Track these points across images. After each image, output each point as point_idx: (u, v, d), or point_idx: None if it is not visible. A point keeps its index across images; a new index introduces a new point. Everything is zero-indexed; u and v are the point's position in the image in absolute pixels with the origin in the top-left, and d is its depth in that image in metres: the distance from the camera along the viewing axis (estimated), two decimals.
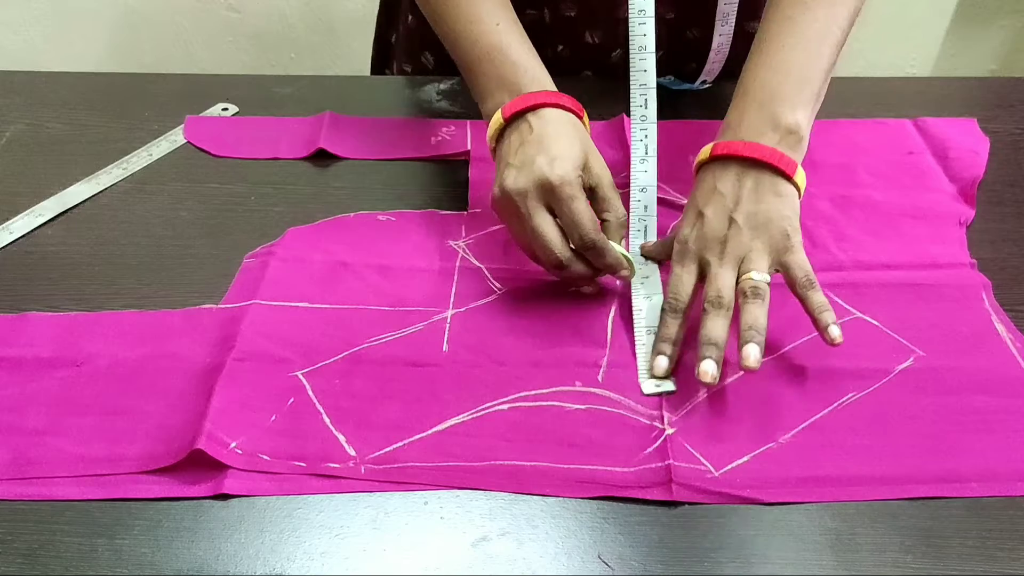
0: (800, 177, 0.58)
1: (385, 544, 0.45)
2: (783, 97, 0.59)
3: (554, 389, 0.53)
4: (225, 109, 0.80)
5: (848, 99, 0.83)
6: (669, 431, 0.50)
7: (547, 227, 0.56)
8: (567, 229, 0.56)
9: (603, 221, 0.59)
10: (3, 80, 0.84)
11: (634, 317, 0.57)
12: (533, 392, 0.53)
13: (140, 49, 1.67)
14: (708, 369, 0.51)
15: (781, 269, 0.56)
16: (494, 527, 0.46)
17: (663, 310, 0.57)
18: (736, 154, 0.57)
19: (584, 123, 0.62)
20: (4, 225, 0.66)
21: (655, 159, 0.64)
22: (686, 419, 0.51)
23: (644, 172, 0.64)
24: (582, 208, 0.56)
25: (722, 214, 0.57)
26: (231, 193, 0.70)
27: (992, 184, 0.71)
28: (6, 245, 0.64)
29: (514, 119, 0.60)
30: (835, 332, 0.53)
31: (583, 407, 0.52)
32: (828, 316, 0.54)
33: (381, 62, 0.97)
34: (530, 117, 0.59)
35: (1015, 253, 0.64)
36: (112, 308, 0.58)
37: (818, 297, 0.54)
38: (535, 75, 0.62)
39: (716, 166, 0.59)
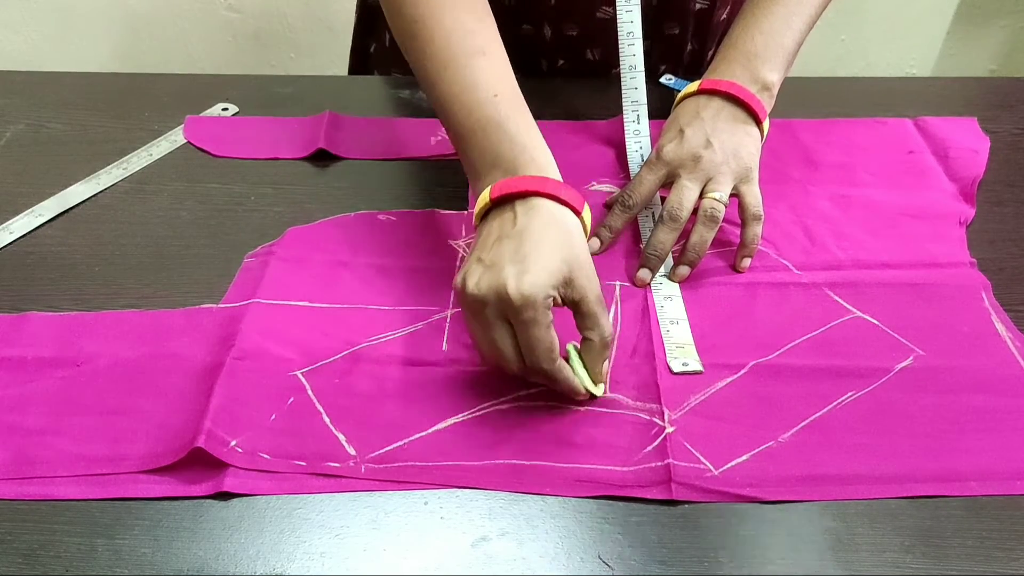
0: (766, 126, 0.66)
1: (385, 544, 0.45)
2: (765, 58, 0.66)
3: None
4: (225, 109, 0.80)
5: (848, 99, 0.83)
6: (669, 430, 0.50)
7: (503, 342, 0.50)
8: (522, 350, 0.50)
9: (585, 339, 0.51)
10: (3, 80, 0.85)
11: (658, 313, 0.58)
12: (533, 391, 0.52)
13: (140, 49, 1.67)
14: (644, 277, 0.61)
15: (737, 195, 0.63)
16: (494, 527, 0.46)
17: (616, 203, 0.64)
18: (722, 90, 0.65)
19: (583, 220, 0.54)
20: (4, 225, 0.66)
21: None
22: (685, 418, 0.51)
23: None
24: (540, 335, 0.49)
25: (701, 135, 0.64)
26: (231, 193, 0.70)
27: (992, 184, 0.71)
28: (6, 245, 0.64)
29: (501, 202, 0.53)
30: (744, 264, 0.62)
31: (582, 406, 0.52)
32: (749, 251, 0.62)
33: (358, 71, 0.96)
34: (518, 206, 0.52)
35: (1015, 253, 0.64)
36: (112, 308, 0.58)
37: (755, 231, 0.62)
38: (534, 155, 0.54)
39: (701, 97, 0.66)
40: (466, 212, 0.68)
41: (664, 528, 0.46)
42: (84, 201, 0.69)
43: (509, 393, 0.52)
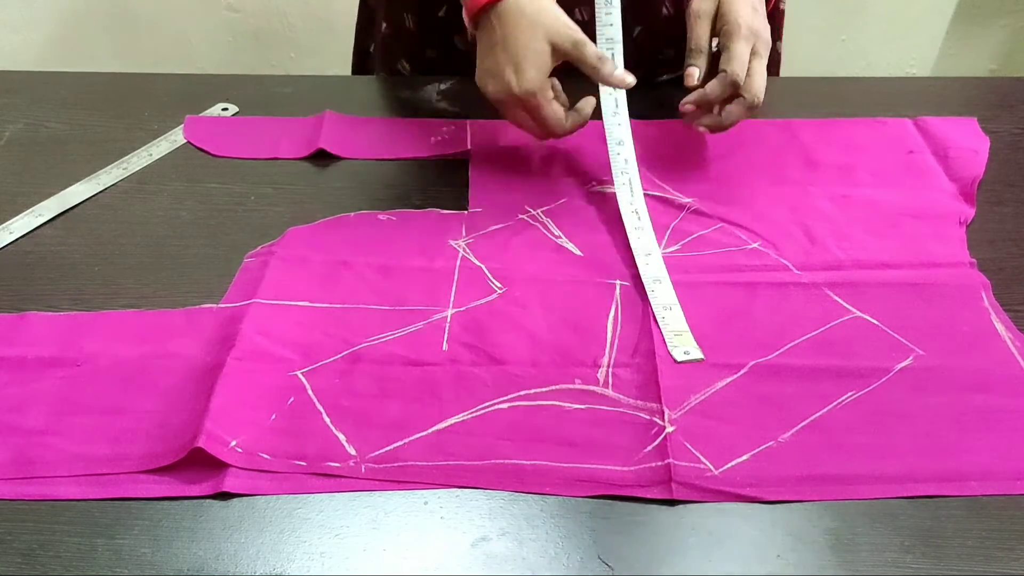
0: None
1: (385, 544, 0.45)
2: None
3: (553, 388, 0.53)
4: (225, 109, 0.80)
5: (848, 99, 0.83)
6: (669, 429, 0.50)
7: (524, 122, 0.66)
8: (537, 124, 0.65)
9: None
10: (3, 80, 0.85)
11: (650, 298, 0.58)
12: (533, 391, 0.53)
13: (140, 49, 1.67)
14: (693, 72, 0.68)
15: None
16: (494, 527, 0.46)
17: (721, 79, 0.66)
18: None
19: None
20: (4, 225, 0.66)
21: (626, 112, 0.68)
22: (686, 417, 0.51)
23: (618, 126, 0.68)
24: (548, 113, 0.64)
25: (762, 11, 0.68)
26: (231, 193, 0.70)
27: (992, 184, 0.71)
28: (6, 245, 0.64)
29: (481, 17, 0.64)
30: (685, 116, 0.68)
31: (583, 406, 0.52)
32: (721, 125, 0.68)
33: (361, 71, 0.96)
34: (492, 18, 0.63)
35: (1015, 253, 0.64)
36: (112, 308, 0.58)
37: (741, 111, 0.67)
38: None
39: None
40: (466, 212, 0.68)
41: (664, 528, 0.46)
42: (84, 201, 0.69)
43: (509, 393, 0.52)
